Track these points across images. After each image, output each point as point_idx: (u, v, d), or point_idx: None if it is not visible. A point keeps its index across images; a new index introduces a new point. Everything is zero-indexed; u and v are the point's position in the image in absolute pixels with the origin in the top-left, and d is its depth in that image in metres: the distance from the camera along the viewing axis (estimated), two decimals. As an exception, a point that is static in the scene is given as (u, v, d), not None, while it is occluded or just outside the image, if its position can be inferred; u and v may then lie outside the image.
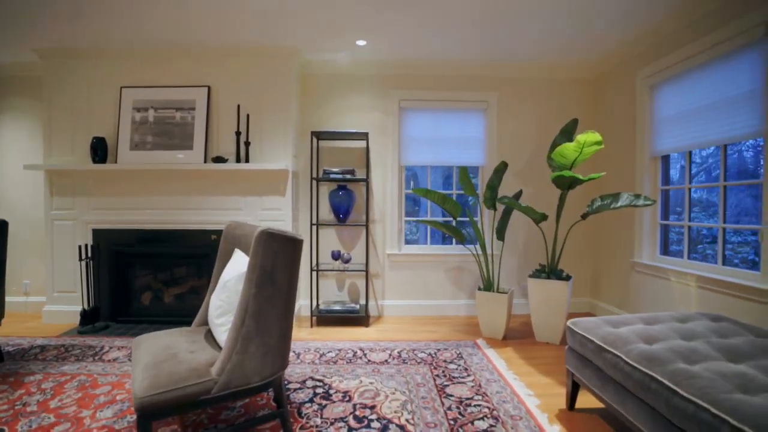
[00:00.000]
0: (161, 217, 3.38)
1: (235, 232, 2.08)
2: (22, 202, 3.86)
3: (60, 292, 3.48)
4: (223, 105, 3.39)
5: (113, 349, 2.82)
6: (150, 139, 3.35)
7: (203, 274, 3.48)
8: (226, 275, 1.79)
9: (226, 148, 3.38)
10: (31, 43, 3.34)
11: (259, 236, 1.53)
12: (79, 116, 3.45)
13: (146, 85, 3.43)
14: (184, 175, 3.35)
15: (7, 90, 3.87)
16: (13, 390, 2.21)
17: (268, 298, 1.56)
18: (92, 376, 2.39)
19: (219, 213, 3.34)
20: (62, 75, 3.46)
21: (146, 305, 3.49)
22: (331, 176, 3.36)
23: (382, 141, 3.73)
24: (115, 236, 3.41)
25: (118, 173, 3.36)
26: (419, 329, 3.33)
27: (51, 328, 3.34)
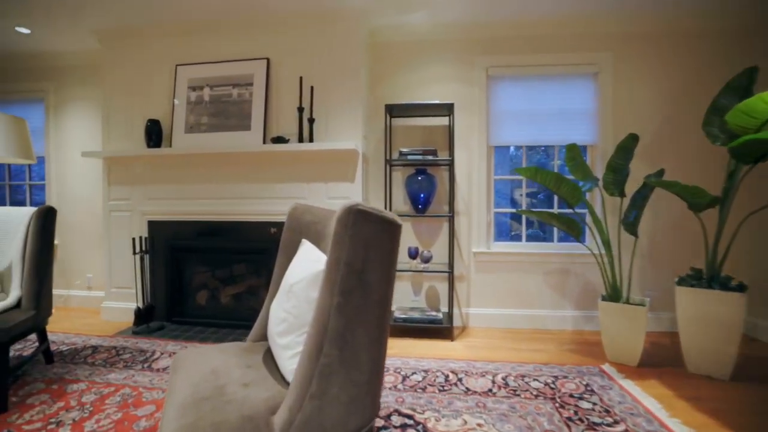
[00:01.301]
0: (216, 208, 3.01)
1: (302, 217, 1.57)
2: (85, 192, 3.73)
3: (117, 288, 3.25)
4: (284, 78, 2.95)
5: (164, 355, 2.47)
6: (205, 120, 3.00)
7: (261, 272, 3.08)
8: (292, 276, 1.27)
9: (287, 127, 2.94)
10: (91, 25, 3.13)
11: (346, 215, 0.99)
12: (135, 99, 3.20)
13: (202, 61, 3.09)
14: (242, 159, 2.96)
15: (70, 79, 3.75)
16: (52, 402, 1.91)
17: (357, 311, 1.01)
18: (137, 389, 2.03)
19: (279, 202, 2.91)
20: (119, 56, 3.23)
21: (202, 305, 3.15)
22: (408, 157, 2.79)
23: (467, 118, 3.10)
24: (170, 228, 3.10)
25: (171, 158, 3.05)
26: (519, 347, 2.66)
27: (107, 325, 3.11)
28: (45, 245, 2.16)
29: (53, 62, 3.76)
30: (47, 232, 2.18)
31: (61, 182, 3.78)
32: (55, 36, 3.35)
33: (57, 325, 3.13)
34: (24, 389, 2.03)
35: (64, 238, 3.78)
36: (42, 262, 2.13)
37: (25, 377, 2.17)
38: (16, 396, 1.97)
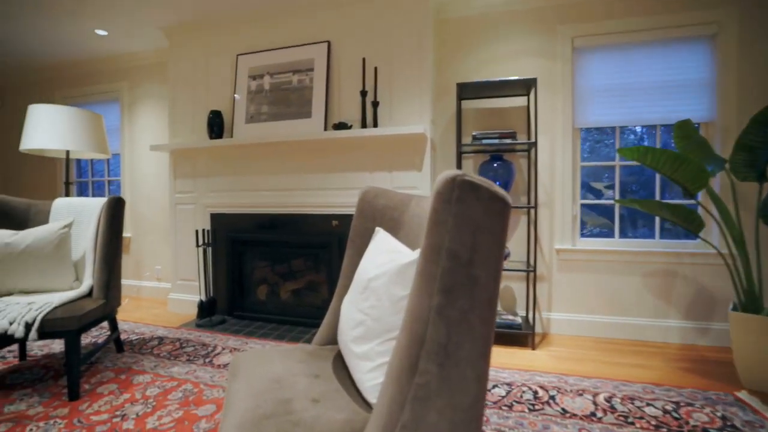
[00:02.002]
0: (276, 199, 2.91)
1: (375, 202, 1.34)
2: (155, 187, 3.84)
3: (183, 280, 3.28)
4: (346, 61, 2.77)
5: (225, 351, 2.39)
6: (265, 109, 2.91)
7: (321, 268, 2.93)
8: (367, 270, 1.05)
9: (349, 113, 2.76)
10: (158, 22, 3.18)
11: (449, 188, 0.74)
12: (198, 92, 3.20)
13: (261, 49, 3.01)
14: (302, 148, 2.82)
15: (141, 78, 3.88)
16: (119, 393, 1.87)
17: (463, 316, 0.75)
18: (198, 386, 1.94)
19: (341, 193, 2.73)
20: (183, 51, 3.25)
21: (262, 300, 3.07)
22: (482, 142, 2.49)
23: (549, 96, 2.72)
24: (231, 221, 3.06)
25: (232, 149, 3.00)
26: (615, 360, 2.25)
27: (173, 317, 3.14)
28: (114, 235, 2.15)
29: (127, 63, 3.91)
30: (116, 223, 2.17)
31: (133, 177, 3.93)
32: (129, 37, 3.46)
33: (129, 315, 3.22)
34: (96, 377, 2.03)
35: (136, 231, 3.92)
36: (111, 252, 2.12)
37: (97, 365, 2.19)
38: (89, 383, 1.97)
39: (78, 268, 2.21)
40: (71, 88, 4.25)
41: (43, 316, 1.75)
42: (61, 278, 2.06)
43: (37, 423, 1.63)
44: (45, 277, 2.02)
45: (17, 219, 2.23)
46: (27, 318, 1.72)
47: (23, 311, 1.76)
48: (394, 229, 1.29)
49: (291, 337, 2.62)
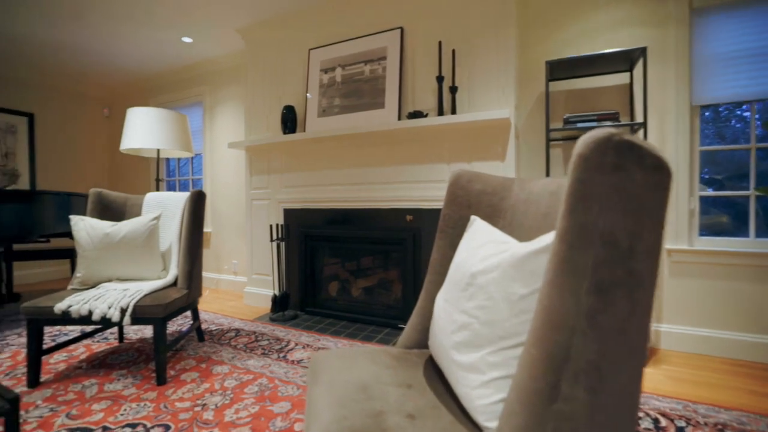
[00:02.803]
0: (347, 194, 2.84)
1: (469, 187, 1.17)
2: (233, 184, 4.00)
3: (257, 275, 3.35)
4: (420, 47, 2.62)
5: (298, 347, 2.35)
6: (337, 101, 2.86)
7: (393, 265, 2.81)
8: (470, 263, 0.88)
9: (423, 101, 2.60)
10: (235, 24, 3.29)
11: (601, 150, 0.55)
12: (272, 88, 3.25)
13: (333, 41, 2.96)
14: (375, 140, 2.72)
15: (221, 81, 4.08)
16: (200, 381, 1.90)
17: (621, 324, 0.55)
18: (273, 381, 1.90)
19: (416, 186, 2.59)
20: (258, 51, 3.33)
21: (333, 296, 3.03)
22: (577, 126, 2.19)
23: (658, 70, 2.33)
24: (303, 216, 3.06)
25: (304, 144, 2.99)
26: (756, 387, 1.83)
27: (249, 310, 3.22)
28: (196, 227, 2.21)
29: (208, 68, 4.13)
30: (198, 215, 2.23)
31: (214, 175, 4.14)
32: (210, 42, 3.63)
33: (209, 306, 3.37)
34: (180, 364, 2.09)
35: (215, 227, 4.13)
36: (193, 244, 2.18)
37: (181, 352, 2.26)
38: (174, 370, 2.02)
39: (165, 258, 2.30)
40: (162, 95, 4.61)
41: (135, 302, 1.82)
42: (151, 267, 2.16)
43: (130, 404, 1.69)
44: (137, 266, 2.12)
45: (116, 211, 2.39)
46: (122, 304, 1.80)
47: (119, 297, 1.85)
48: (493, 218, 1.11)
49: (363, 336, 2.52)
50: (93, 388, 1.83)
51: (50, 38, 3.58)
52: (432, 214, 2.53)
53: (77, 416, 1.61)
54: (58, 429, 1.52)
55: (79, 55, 3.99)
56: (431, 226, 2.53)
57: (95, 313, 1.76)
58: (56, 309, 1.78)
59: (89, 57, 4.04)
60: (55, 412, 1.64)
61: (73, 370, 2.03)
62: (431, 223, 2.53)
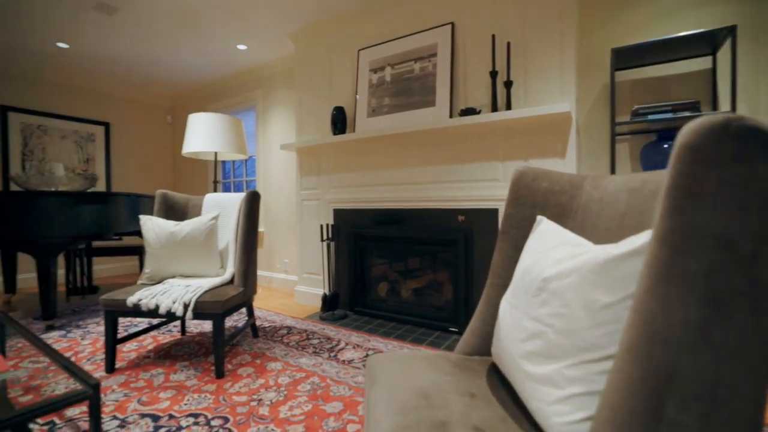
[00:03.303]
0: (396, 194, 2.82)
1: (534, 185, 1.09)
2: (284, 185, 4.13)
3: (308, 274, 3.42)
4: (472, 41, 2.54)
5: (348, 347, 2.36)
6: (387, 101, 2.84)
7: (443, 266, 2.74)
8: (541, 267, 0.81)
9: (476, 97, 2.52)
10: (287, 28, 3.38)
11: (716, 137, 0.47)
12: (322, 90, 3.30)
13: (381, 41, 2.95)
14: (425, 139, 2.68)
15: (273, 85, 4.22)
16: (256, 377, 1.95)
17: (742, 342, 0.47)
18: (325, 380, 1.91)
19: (468, 186, 2.51)
20: (308, 53, 3.40)
21: (382, 297, 3.02)
22: (648, 118, 2.00)
23: (750, 52, 2.08)
24: (353, 216, 3.08)
25: (353, 144, 3.00)
26: None
27: (299, 308, 3.29)
28: (251, 227, 2.28)
29: (261, 73, 4.29)
30: (253, 216, 2.30)
31: (266, 177, 4.29)
32: (263, 47, 3.77)
33: (262, 303, 3.49)
34: (236, 359, 2.17)
35: (268, 227, 4.27)
36: (249, 243, 2.25)
37: (237, 347, 2.35)
38: (231, 364, 2.10)
39: (222, 256, 2.40)
40: (219, 101, 4.86)
41: (197, 298, 1.91)
42: (210, 265, 2.26)
43: (192, 394, 1.77)
44: (197, 263, 2.23)
45: (179, 211, 2.54)
46: (185, 299, 1.89)
47: (182, 293, 1.95)
48: (561, 218, 1.02)
49: (413, 339, 2.48)
50: (160, 377, 1.94)
51: (124, 53, 3.89)
52: (485, 214, 2.44)
53: (147, 402, 1.71)
54: (131, 413, 1.62)
55: (147, 67, 4.31)
56: (484, 227, 2.44)
57: (161, 307, 1.87)
58: (128, 302, 1.91)
59: (155, 68, 4.34)
60: (128, 397, 1.76)
61: (143, 359, 2.17)
62: (484, 223, 2.44)
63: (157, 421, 1.57)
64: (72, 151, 4.72)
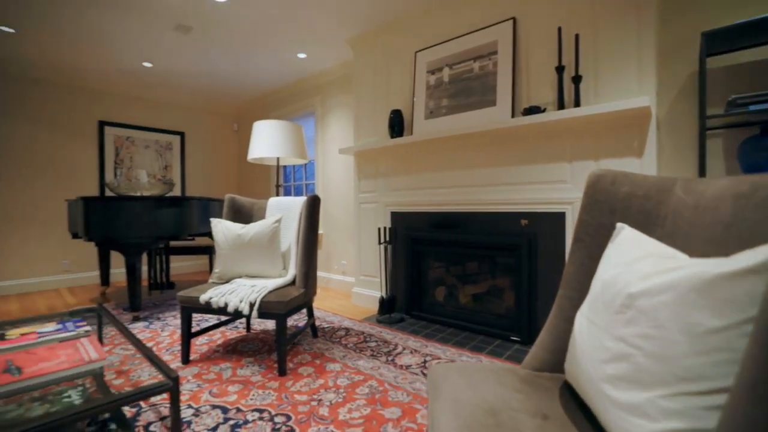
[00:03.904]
0: (455, 197, 2.75)
1: (615, 189, 1.00)
2: (342, 188, 4.22)
3: (365, 276, 3.46)
4: (535, 36, 2.41)
5: (406, 351, 2.34)
6: (445, 102, 2.79)
7: (504, 272, 2.63)
8: (626, 280, 0.73)
9: (540, 95, 2.39)
10: (345, 35, 3.45)
11: None
12: (379, 93, 3.32)
13: (439, 41, 2.90)
14: (485, 140, 2.59)
15: (331, 91, 4.33)
16: (316, 377, 2.00)
17: None
18: (383, 384, 1.91)
19: (532, 188, 2.38)
20: (365, 57, 3.44)
21: (440, 302, 2.97)
22: (750, 108, 1.76)
23: None
24: (410, 219, 3.06)
25: (410, 147, 2.98)
26: None
27: (356, 310, 3.34)
28: (311, 230, 2.35)
29: (320, 79, 4.43)
30: (313, 219, 2.37)
31: (325, 180, 4.41)
32: (322, 55, 3.89)
33: (320, 303, 3.58)
34: (297, 358, 2.24)
35: (326, 228, 4.39)
36: (309, 245, 2.32)
37: (298, 346, 2.43)
38: (292, 363, 2.17)
39: (285, 258, 2.50)
40: (280, 108, 5.10)
41: (262, 298, 2.00)
42: (273, 266, 2.36)
43: (257, 390, 1.85)
44: (262, 264, 2.34)
45: (245, 215, 2.68)
46: (251, 299, 1.99)
47: (248, 292, 2.05)
48: (646, 226, 0.92)
49: (472, 347, 2.41)
50: (228, 371, 2.06)
51: (197, 68, 4.22)
52: (550, 217, 2.30)
53: (217, 394, 1.81)
54: (204, 403, 1.73)
55: (216, 79, 4.63)
56: (550, 231, 2.30)
57: (230, 305, 1.98)
58: (201, 299, 2.05)
59: (223, 80, 4.65)
60: (201, 388, 1.88)
61: (213, 353, 2.31)
62: (550, 227, 2.30)
63: (226, 413, 1.66)
64: (153, 159, 5.21)
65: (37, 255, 4.34)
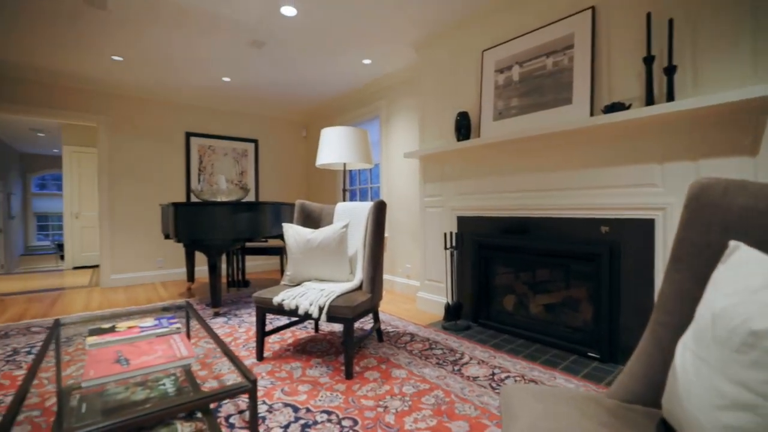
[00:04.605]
0: (524, 201, 2.61)
1: (727, 201, 0.86)
2: (407, 191, 4.22)
3: (430, 281, 3.43)
4: (618, 26, 2.20)
5: (473, 361, 2.27)
6: (515, 102, 2.66)
7: (575, 282, 2.44)
8: (748, 314, 0.63)
9: (623, 90, 2.17)
10: (410, 38, 3.44)
11: None
12: (445, 96, 3.26)
13: (507, 39, 2.77)
14: (559, 141, 2.42)
15: (396, 94, 4.34)
16: (381, 382, 2.01)
17: None
18: (450, 395, 1.86)
19: (613, 192, 2.18)
20: (430, 59, 3.40)
21: (508, 311, 2.83)
22: None
23: None
24: (477, 225, 2.96)
25: (478, 150, 2.88)
26: None
27: (421, 315, 3.31)
28: (378, 235, 2.37)
29: (384, 83, 4.47)
30: (379, 224, 2.39)
31: (390, 183, 4.45)
32: (386, 59, 3.92)
33: (384, 307, 3.61)
34: (363, 362, 2.27)
35: (392, 231, 4.42)
36: (376, 251, 2.34)
37: (364, 350, 2.46)
38: (358, 366, 2.21)
39: (351, 262, 2.55)
40: (346, 113, 5.24)
41: (330, 302, 2.05)
42: (341, 270, 2.42)
43: (325, 392, 1.91)
44: (330, 268, 2.41)
45: (314, 219, 2.79)
46: (320, 303, 2.06)
47: (318, 296, 2.12)
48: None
49: (545, 361, 2.26)
50: (298, 371, 2.15)
51: (269, 79, 4.48)
52: (636, 225, 2.08)
53: (289, 393, 1.90)
54: (276, 401, 1.82)
55: (286, 88, 4.88)
56: (635, 240, 2.09)
57: (300, 308, 2.07)
58: (274, 301, 2.16)
59: (293, 89, 4.89)
60: (274, 385, 1.98)
61: (284, 352, 2.43)
62: (635, 235, 2.09)
63: (297, 412, 1.73)
64: (231, 165, 5.64)
65: (139, 253, 4.93)
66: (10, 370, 2.23)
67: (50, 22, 3.10)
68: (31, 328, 3.05)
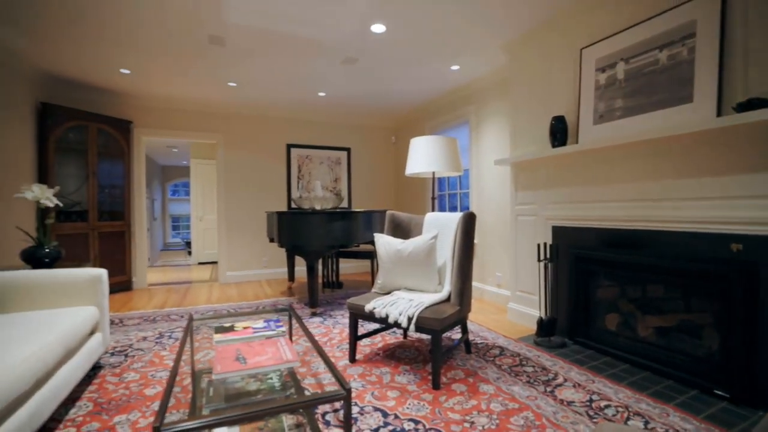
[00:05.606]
0: (631, 212, 2.36)
1: None
2: (497, 198, 4.10)
3: (521, 292, 3.29)
4: (757, 6, 1.87)
5: (567, 383, 2.13)
6: (619, 103, 2.42)
7: (696, 305, 2.12)
8: None
9: (763, 83, 1.84)
10: (499, 41, 3.34)
11: None
12: (538, 99, 3.10)
13: (610, 34, 2.52)
14: (674, 145, 2.14)
15: (486, 99, 4.24)
16: (468, 396, 2.01)
17: None
18: (540, 418, 1.78)
19: (748, 204, 1.86)
20: (522, 61, 3.25)
21: (611, 330, 2.59)
22: None
23: None
24: (575, 236, 2.76)
25: (576, 156, 2.68)
26: None
27: (511, 327, 3.20)
28: (467, 247, 2.36)
29: (473, 88, 4.39)
30: (469, 236, 2.37)
31: (480, 189, 4.36)
32: (475, 64, 3.85)
33: (473, 316, 3.55)
34: (450, 373, 2.28)
35: (482, 238, 4.33)
36: (465, 263, 2.33)
37: (451, 360, 2.47)
38: (445, 377, 2.23)
39: (440, 273, 2.57)
40: (434, 119, 5.26)
41: (419, 313, 2.11)
42: (429, 281, 2.46)
43: (412, 400, 1.96)
44: (419, 279, 2.47)
45: (403, 230, 2.87)
46: (408, 313, 2.13)
47: (407, 306, 2.19)
48: None
49: (654, 393, 2.02)
50: (387, 376, 2.24)
51: (360, 91, 4.72)
52: (779, 243, 1.75)
53: (378, 397, 2.00)
54: (367, 404, 1.93)
55: (376, 98, 5.08)
56: (778, 262, 1.76)
57: (390, 317, 2.16)
58: (366, 309, 2.29)
59: (383, 99, 5.07)
60: (365, 388, 2.10)
61: (374, 356, 2.55)
62: (778, 256, 1.76)
63: (386, 417, 1.81)
64: (326, 173, 6.05)
65: (248, 253, 5.59)
66: (158, 350, 2.72)
67: (180, 59, 3.70)
68: (171, 315, 3.66)
